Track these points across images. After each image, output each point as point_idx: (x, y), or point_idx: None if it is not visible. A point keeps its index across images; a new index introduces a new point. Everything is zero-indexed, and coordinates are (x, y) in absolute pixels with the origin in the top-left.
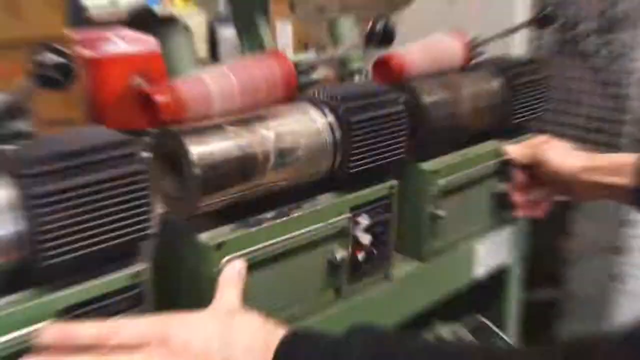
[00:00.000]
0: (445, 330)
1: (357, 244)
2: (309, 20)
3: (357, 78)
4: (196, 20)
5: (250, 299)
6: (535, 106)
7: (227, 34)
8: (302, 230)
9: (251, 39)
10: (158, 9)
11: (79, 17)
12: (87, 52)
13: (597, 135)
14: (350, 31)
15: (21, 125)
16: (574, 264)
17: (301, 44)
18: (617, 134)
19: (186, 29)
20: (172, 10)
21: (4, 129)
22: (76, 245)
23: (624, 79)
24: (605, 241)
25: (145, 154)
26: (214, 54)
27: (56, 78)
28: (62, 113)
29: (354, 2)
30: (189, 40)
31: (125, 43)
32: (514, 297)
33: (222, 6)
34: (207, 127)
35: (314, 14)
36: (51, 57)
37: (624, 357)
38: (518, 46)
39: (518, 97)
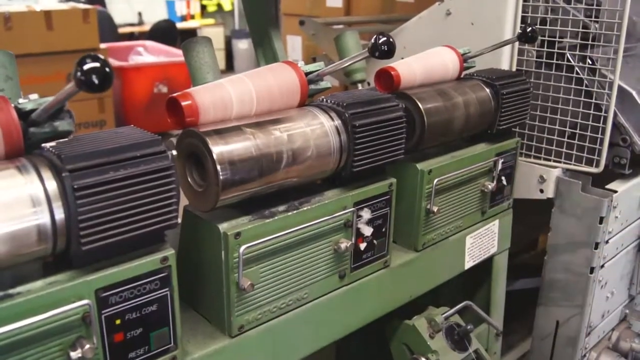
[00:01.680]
0: (438, 315)
1: (359, 235)
2: (317, 35)
3: (360, 87)
4: (214, 35)
5: (264, 283)
6: (520, 113)
7: (242, 47)
8: (311, 222)
9: (266, 51)
10: (180, 24)
11: (110, 31)
12: (116, 62)
13: (578, 141)
14: (354, 45)
15: (62, 124)
16: (553, 256)
17: (310, 57)
18: (596, 139)
19: (209, 41)
20: (193, 25)
21: (47, 128)
22: (111, 233)
23: (603, 90)
24: (581, 236)
25: (172, 152)
26: (230, 64)
27: (95, 82)
28: (95, 116)
29: (358, 19)
30: (212, 52)
31: (150, 54)
32: (500, 284)
33: (237, 22)
34: (227, 129)
35: (321, 29)
36: (91, 64)
37: None
38: (506, 59)
39: (505, 105)
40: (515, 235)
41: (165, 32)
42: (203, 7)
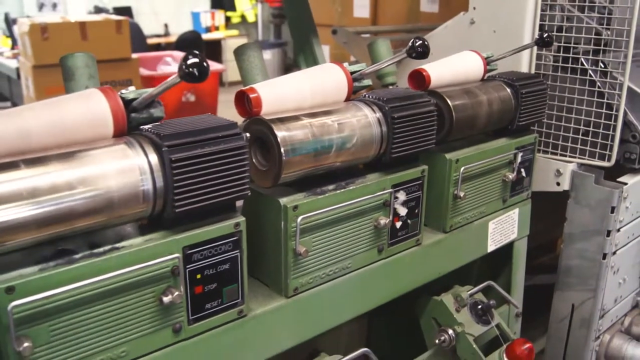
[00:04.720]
0: (463, 292)
1: (396, 214)
2: (348, 43)
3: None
4: (238, 45)
5: (315, 251)
6: (538, 111)
7: (266, 57)
8: (355, 200)
9: (307, 56)
10: (205, 35)
11: (139, 42)
12: (145, 72)
13: (591, 138)
14: (386, 51)
15: (156, 111)
16: (569, 244)
17: None
18: (608, 136)
19: (259, 47)
20: (217, 36)
21: (144, 114)
22: (198, 199)
23: (614, 91)
24: (595, 224)
25: (246, 134)
26: None
27: (196, 74)
28: None
29: (385, 28)
30: (261, 56)
31: (178, 63)
32: (519, 269)
33: (260, 33)
34: (288, 118)
35: (352, 38)
36: (193, 59)
37: None
38: (525, 63)
39: (524, 104)
40: (533, 237)
41: (190, 43)
42: (227, 19)
